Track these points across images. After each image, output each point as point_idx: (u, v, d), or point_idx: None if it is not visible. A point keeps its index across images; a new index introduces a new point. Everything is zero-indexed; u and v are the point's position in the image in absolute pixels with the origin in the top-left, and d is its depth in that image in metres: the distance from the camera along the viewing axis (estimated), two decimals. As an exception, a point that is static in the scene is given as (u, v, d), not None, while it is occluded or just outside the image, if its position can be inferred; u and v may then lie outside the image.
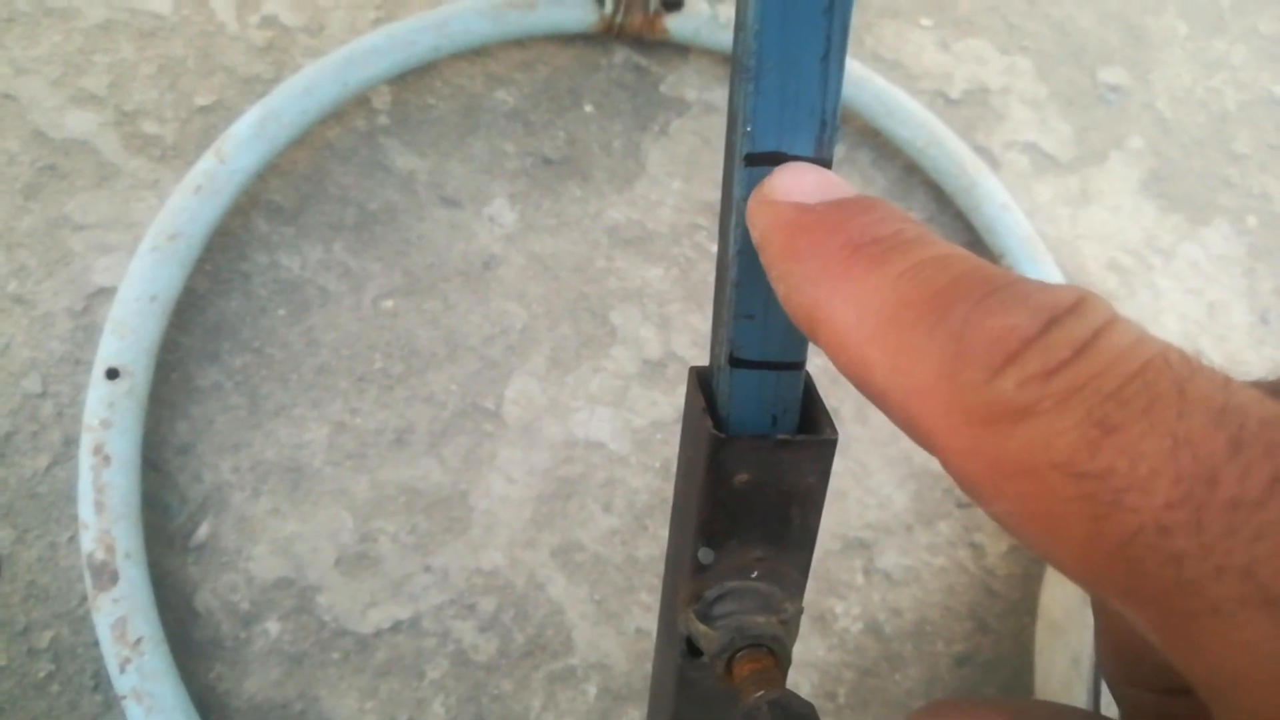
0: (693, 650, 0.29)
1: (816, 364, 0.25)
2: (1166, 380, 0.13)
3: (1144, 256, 0.73)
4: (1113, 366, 0.13)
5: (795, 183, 0.20)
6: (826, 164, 0.22)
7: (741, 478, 0.25)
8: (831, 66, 0.21)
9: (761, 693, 0.24)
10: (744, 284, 0.23)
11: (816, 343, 0.18)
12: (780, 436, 0.24)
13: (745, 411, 0.24)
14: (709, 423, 0.24)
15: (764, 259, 0.19)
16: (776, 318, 0.23)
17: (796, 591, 0.29)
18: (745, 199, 0.22)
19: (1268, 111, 0.80)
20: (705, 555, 0.27)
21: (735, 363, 0.24)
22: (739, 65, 0.21)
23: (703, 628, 0.28)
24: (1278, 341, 0.73)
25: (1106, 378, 0.13)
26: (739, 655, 0.27)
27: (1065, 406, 0.13)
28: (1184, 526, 0.12)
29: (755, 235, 0.20)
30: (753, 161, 0.22)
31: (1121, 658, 0.19)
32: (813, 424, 0.25)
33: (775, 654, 0.27)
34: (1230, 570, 0.12)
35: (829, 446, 0.25)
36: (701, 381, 0.26)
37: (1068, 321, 0.14)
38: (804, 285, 0.18)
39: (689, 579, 0.28)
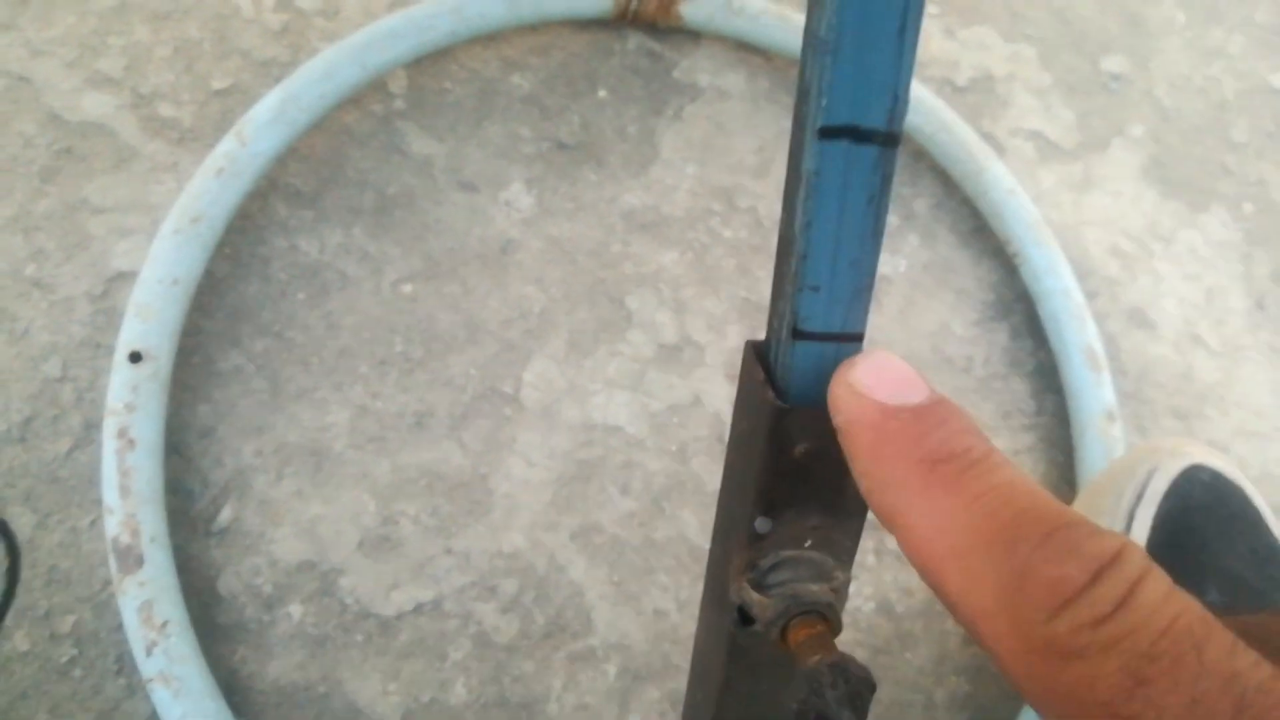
0: (745, 619, 0.29)
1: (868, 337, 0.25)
2: (1187, 643, 0.16)
3: (1145, 242, 0.75)
4: (1145, 623, 0.16)
5: (877, 377, 0.22)
6: (896, 137, 0.23)
7: (801, 448, 0.26)
8: (906, 40, 0.22)
9: (819, 657, 0.25)
10: (811, 256, 0.23)
11: (894, 536, 0.21)
12: None
13: (806, 382, 0.25)
14: (770, 393, 0.25)
15: (846, 448, 0.22)
16: (841, 290, 0.24)
17: (847, 560, 0.29)
18: (817, 172, 0.22)
19: (1265, 100, 0.81)
20: (763, 525, 0.28)
21: (798, 335, 0.24)
22: (814, 38, 0.22)
23: (757, 596, 0.28)
24: (1274, 326, 0.75)
25: (1140, 635, 0.16)
26: (794, 622, 0.27)
27: (1106, 655, 0.16)
28: None
29: (838, 420, 0.23)
30: (826, 134, 0.22)
31: None
32: None
33: (828, 620, 0.28)
34: None
35: None
36: (758, 355, 0.26)
37: (1110, 574, 0.17)
38: (885, 489, 0.21)
39: (744, 548, 0.28)
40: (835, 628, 0.27)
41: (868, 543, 0.62)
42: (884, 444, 0.21)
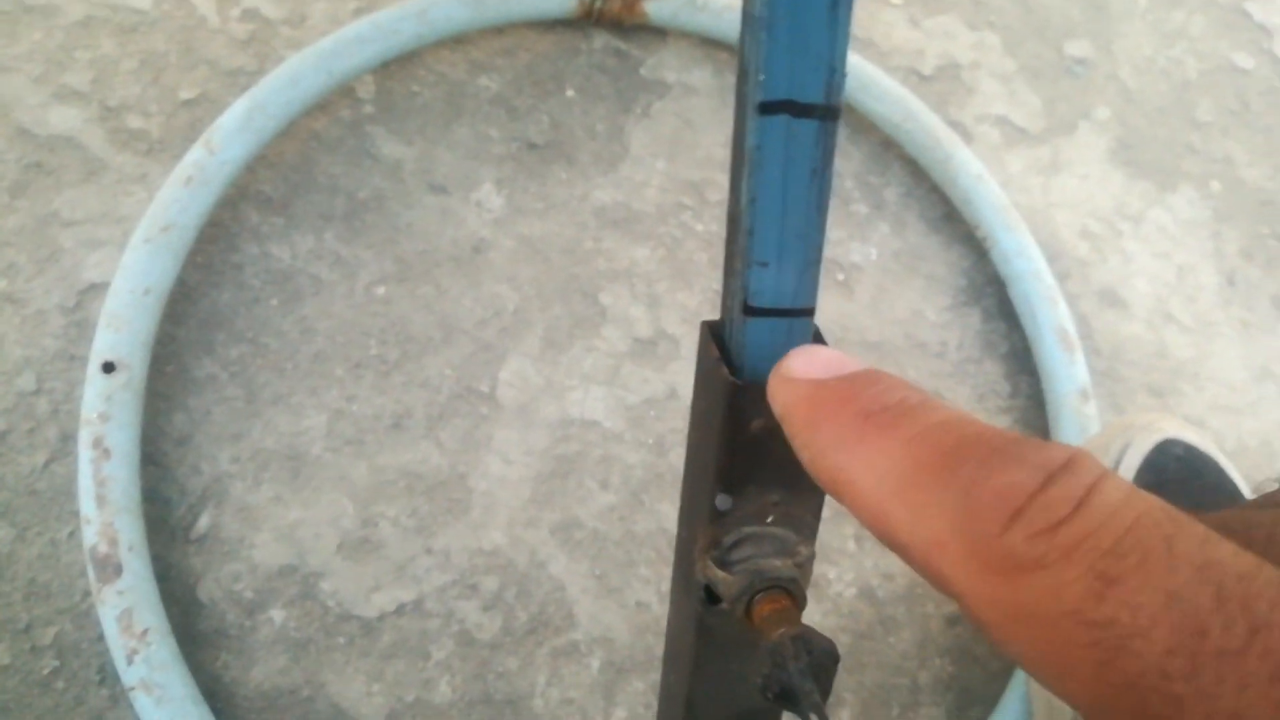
0: (711, 597, 0.30)
1: (820, 316, 0.25)
2: (1155, 537, 0.15)
3: (1114, 223, 0.75)
4: (1108, 522, 0.15)
5: (809, 362, 0.22)
6: (836, 110, 0.23)
7: (758, 423, 0.26)
8: (840, 14, 0.22)
9: (783, 630, 0.25)
10: (758, 232, 0.24)
11: (842, 502, 0.20)
12: None
13: (759, 358, 0.25)
14: (724, 371, 0.25)
15: (787, 430, 0.22)
16: (789, 264, 0.24)
17: (809, 535, 0.30)
18: (758, 147, 0.23)
19: (1228, 79, 0.82)
20: (723, 502, 0.28)
21: (749, 311, 0.25)
22: (750, 16, 0.22)
23: (721, 573, 0.28)
24: (1244, 302, 0.75)
25: (1103, 533, 0.15)
26: (758, 598, 0.28)
27: (1069, 560, 0.15)
28: (1181, 672, 0.14)
29: (777, 409, 0.22)
30: (766, 110, 0.23)
31: None
32: None
33: (792, 595, 0.28)
34: (1221, 715, 0.14)
35: None
36: (714, 334, 0.27)
37: (1063, 478, 0.16)
38: (825, 452, 0.20)
39: (707, 526, 0.29)
40: (800, 602, 0.28)
41: (848, 529, 0.63)
42: (817, 410, 0.20)
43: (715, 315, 0.27)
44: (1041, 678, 0.16)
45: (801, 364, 0.22)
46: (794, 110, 0.23)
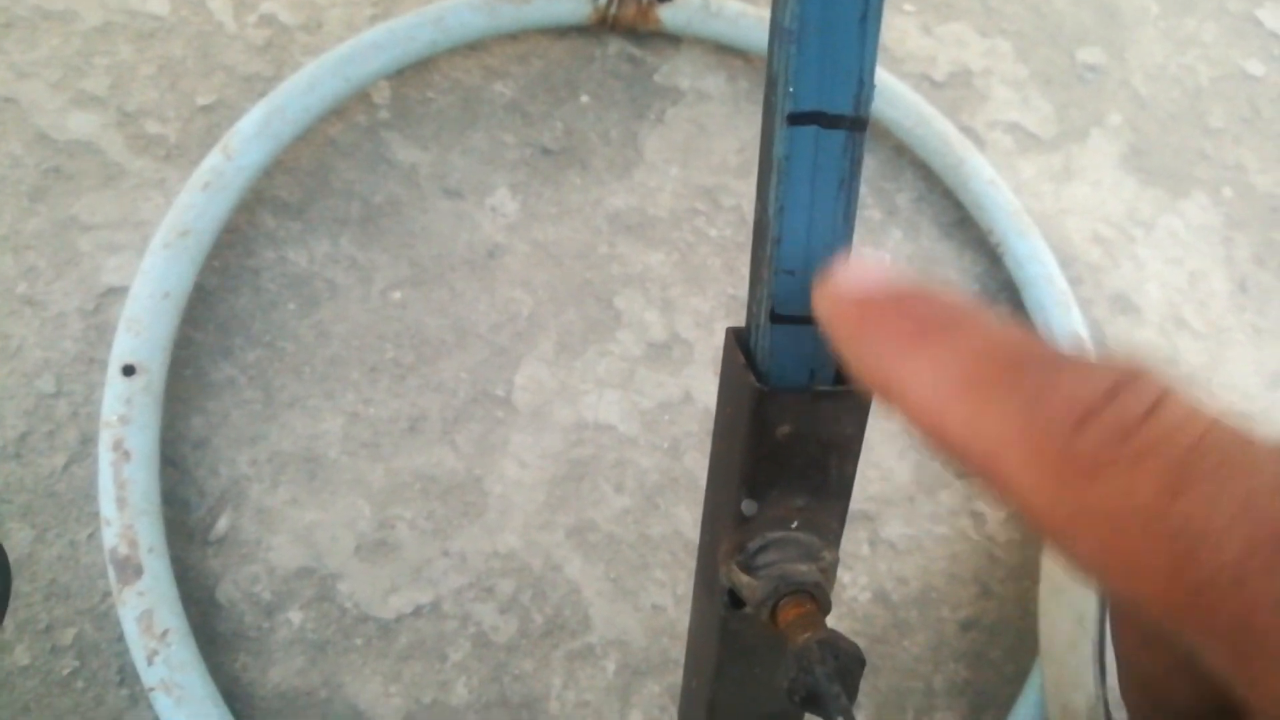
0: (735, 601, 0.30)
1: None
2: (1232, 441, 0.14)
3: (1125, 229, 0.75)
4: (1181, 428, 0.15)
5: (860, 274, 0.21)
6: (864, 121, 0.23)
7: (783, 429, 0.26)
8: (869, 27, 0.23)
9: (808, 634, 0.26)
10: (785, 240, 0.24)
11: (890, 405, 0.19)
12: (819, 388, 0.26)
13: (785, 365, 0.25)
14: (751, 377, 0.26)
15: (834, 338, 0.21)
16: (816, 272, 0.25)
17: (834, 540, 0.30)
18: (787, 157, 0.23)
19: (1239, 86, 0.82)
20: (748, 507, 0.28)
21: (776, 318, 0.25)
22: (779, 28, 0.23)
23: (745, 578, 0.29)
24: (1257, 308, 0.75)
25: (1176, 439, 0.15)
26: (783, 602, 0.28)
27: (1142, 462, 0.15)
28: (1256, 576, 0.14)
29: (822, 318, 0.21)
30: (795, 120, 0.23)
31: (1148, 692, 0.21)
32: (848, 376, 0.26)
33: (817, 599, 0.28)
34: None
35: (865, 397, 0.26)
36: (739, 340, 0.27)
37: (1134, 385, 0.16)
38: (878, 362, 0.19)
39: (731, 531, 0.29)
40: (824, 607, 0.28)
41: (861, 533, 0.63)
42: (868, 320, 0.20)
43: (729, 320, 0.27)
44: (1107, 580, 0.16)
45: (851, 275, 0.21)
46: (823, 121, 0.23)
